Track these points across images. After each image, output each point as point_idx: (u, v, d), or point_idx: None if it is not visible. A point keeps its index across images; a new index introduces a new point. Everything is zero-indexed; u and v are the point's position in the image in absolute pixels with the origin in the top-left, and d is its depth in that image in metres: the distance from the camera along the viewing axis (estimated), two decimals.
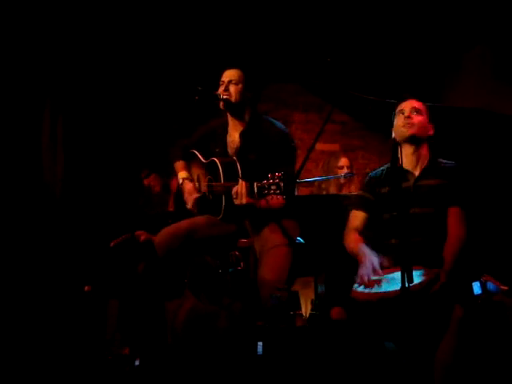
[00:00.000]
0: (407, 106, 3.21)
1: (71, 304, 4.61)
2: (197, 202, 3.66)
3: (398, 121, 3.21)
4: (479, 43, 4.69)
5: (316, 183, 5.17)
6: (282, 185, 3.02)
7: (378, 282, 2.96)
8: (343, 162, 5.04)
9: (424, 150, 3.23)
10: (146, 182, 4.87)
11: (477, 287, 3.04)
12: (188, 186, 3.72)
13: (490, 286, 3.09)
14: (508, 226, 3.73)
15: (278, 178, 3.04)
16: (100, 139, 5.51)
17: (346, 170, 5.02)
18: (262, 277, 3.43)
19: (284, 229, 3.47)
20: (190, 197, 3.67)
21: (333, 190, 4.99)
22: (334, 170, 5.00)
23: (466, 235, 3.10)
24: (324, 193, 5.05)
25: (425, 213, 3.13)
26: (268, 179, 3.06)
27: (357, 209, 3.34)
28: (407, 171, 3.22)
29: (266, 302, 3.35)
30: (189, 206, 3.69)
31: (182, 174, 3.78)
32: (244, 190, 3.19)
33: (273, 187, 3.04)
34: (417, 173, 3.22)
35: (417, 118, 3.18)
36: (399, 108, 3.24)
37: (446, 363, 2.86)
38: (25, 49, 4.84)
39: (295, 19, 4.99)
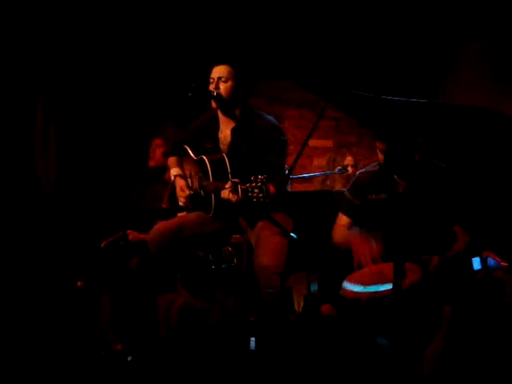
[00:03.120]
0: (380, 147, 3.17)
1: (64, 299, 4.61)
2: (189, 199, 3.65)
3: (379, 157, 3.21)
4: (476, 40, 4.69)
5: (319, 180, 5.17)
6: (265, 188, 3.00)
7: (373, 279, 2.95)
8: (348, 160, 5.07)
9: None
10: (153, 148, 4.84)
11: (476, 263, 3.06)
12: (180, 182, 3.71)
13: (491, 261, 3.10)
14: (509, 203, 3.73)
15: (261, 181, 3.01)
16: (93, 135, 5.49)
17: (350, 169, 5.03)
18: (260, 263, 3.39)
19: (277, 222, 3.46)
20: (183, 193, 3.66)
21: (338, 187, 4.99)
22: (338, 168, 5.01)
23: (469, 241, 3.09)
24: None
25: (413, 224, 3.11)
26: (251, 182, 3.03)
27: (343, 212, 3.35)
28: (396, 181, 3.19)
29: (266, 289, 3.33)
30: (181, 202, 3.68)
31: (174, 171, 3.76)
32: (230, 196, 3.16)
33: (256, 190, 3.01)
34: (406, 183, 3.20)
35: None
36: (377, 144, 3.20)
37: (435, 360, 2.88)
38: (18, 44, 4.82)
39: (289, 15, 4.98)
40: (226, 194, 3.20)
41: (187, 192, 3.64)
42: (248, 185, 3.02)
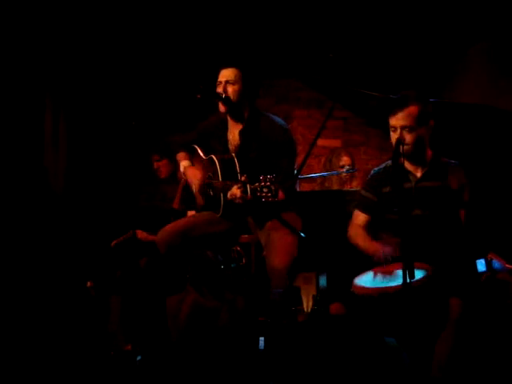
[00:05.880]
0: (397, 123, 3.12)
1: (74, 299, 4.63)
2: (203, 185, 3.63)
3: (392, 137, 3.15)
4: (484, 38, 4.67)
5: (318, 180, 5.17)
6: (274, 188, 3.00)
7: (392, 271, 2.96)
8: (345, 160, 5.02)
9: (426, 152, 3.22)
10: (155, 164, 4.87)
11: (481, 265, 3.05)
12: (191, 170, 3.70)
13: (495, 263, 3.10)
14: None
15: (270, 180, 2.99)
16: (102, 135, 5.51)
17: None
18: (272, 264, 3.38)
19: (286, 221, 3.46)
20: (196, 180, 3.65)
21: (335, 187, 4.98)
22: (336, 168, 5.00)
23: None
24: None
25: (425, 215, 3.13)
26: (260, 181, 3.02)
27: (360, 210, 3.36)
28: (409, 172, 3.21)
29: (276, 289, 3.33)
30: (195, 189, 3.67)
31: (184, 163, 3.75)
32: (238, 194, 3.16)
33: (265, 190, 3.00)
34: (418, 174, 3.21)
35: (408, 137, 3.11)
36: (390, 123, 3.14)
37: (444, 358, 2.88)
38: (25, 44, 4.84)
39: (297, 14, 4.98)
40: (234, 192, 3.21)
41: (201, 177, 3.62)
42: (257, 184, 3.02)
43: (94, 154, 5.45)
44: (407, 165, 3.21)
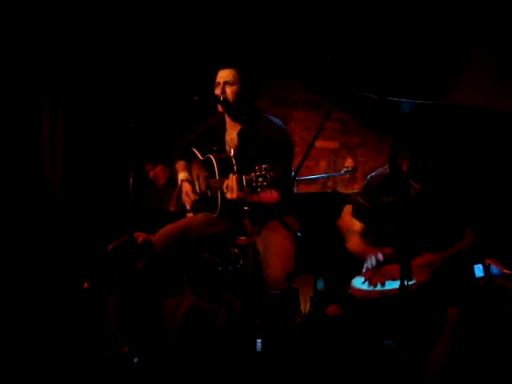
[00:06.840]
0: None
1: (70, 300, 4.62)
2: (195, 203, 3.66)
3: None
4: (482, 40, 4.68)
5: (321, 181, 5.21)
6: (269, 176, 2.99)
7: (382, 279, 2.95)
8: (349, 162, 5.10)
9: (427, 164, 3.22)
10: (151, 173, 4.87)
11: (478, 270, 3.06)
12: (186, 187, 3.72)
13: (493, 269, 3.10)
14: None
15: (265, 169, 3.00)
16: (100, 137, 5.51)
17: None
18: (267, 270, 3.40)
19: (285, 223, 3.46)
20: (188, 198, 3.68)
21: (340, 188, 5.03)
22: (340, 170, 5.05)
23: (474, 243, 3.10)
24: (330, 191, 5.10)
25: (425, 226, 3.12)
26: (255, 171, 3.03)
27: (356, 217, 3.36)
28: (409, 183, 3.20)
29: (272, 295, 3.33)
30: (188, 207, 3.70)
31: (182, 175, 3.77)
32: (234, 183, 3.15)
33: (260, 179, 3.00)
34: (418, 186, 3.20)
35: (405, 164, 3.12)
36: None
37: (441, 362, 2.88)
38: (24, 44, 4.84)
39: (295, 16, 4.98)
40: (230, 183, 3.18)
41: (192, 197, 3.66)
42: (252, 174, 3.02)
43: (91, 155, 5.45)
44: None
